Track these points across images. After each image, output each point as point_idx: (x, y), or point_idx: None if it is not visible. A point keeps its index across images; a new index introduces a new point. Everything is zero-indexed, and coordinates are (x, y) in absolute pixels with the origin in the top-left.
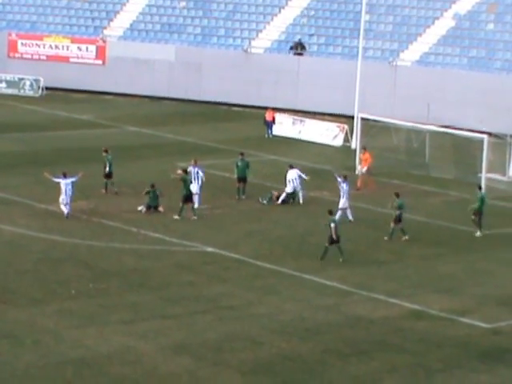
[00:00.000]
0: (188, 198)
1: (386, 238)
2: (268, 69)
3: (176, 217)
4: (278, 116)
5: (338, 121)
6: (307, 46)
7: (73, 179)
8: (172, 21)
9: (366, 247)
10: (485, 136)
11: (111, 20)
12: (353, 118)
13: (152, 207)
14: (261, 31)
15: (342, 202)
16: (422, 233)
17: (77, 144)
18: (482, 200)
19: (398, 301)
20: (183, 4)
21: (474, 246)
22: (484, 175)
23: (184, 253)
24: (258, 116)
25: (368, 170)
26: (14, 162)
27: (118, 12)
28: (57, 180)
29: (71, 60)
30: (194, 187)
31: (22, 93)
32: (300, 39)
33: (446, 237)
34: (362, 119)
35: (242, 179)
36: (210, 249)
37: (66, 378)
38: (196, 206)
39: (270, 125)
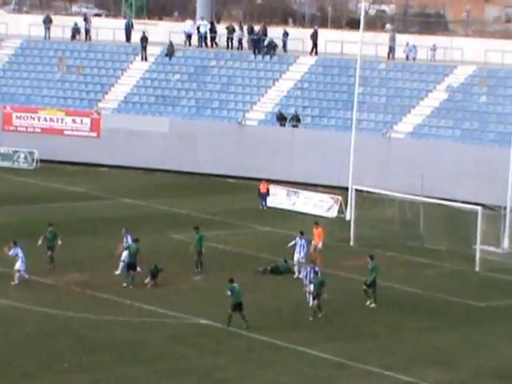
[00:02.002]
0: (130, 265)
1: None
2: (262, 140)
3: (124, 284)
4: (273, 188)
5: (332, 192)
6: (301, 118)
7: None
8: (166, 93)
9: (361, 319)
10: (479, 208)
11: (106, 93)
12: (347, 189)
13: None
14: (255, 103)
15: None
16: (416, 305)
17: (71, 216)
18: (376, 270)
19: (393, 373)
20: (177, 76)
21: (470, 318)
22: (478, 247)
23: (177, 325)
24: (252, 188)
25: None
26: (7, 234)
27: (112, 85)
28: (13, 253)
29: (66, 132)
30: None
31: (16, 165)
32: (296, 111)
33: (441, 309)
34: (356, 191)
35: (198, 252)
36: (203, 321)
37: None
38: (119, 272)
39: (264, 196)
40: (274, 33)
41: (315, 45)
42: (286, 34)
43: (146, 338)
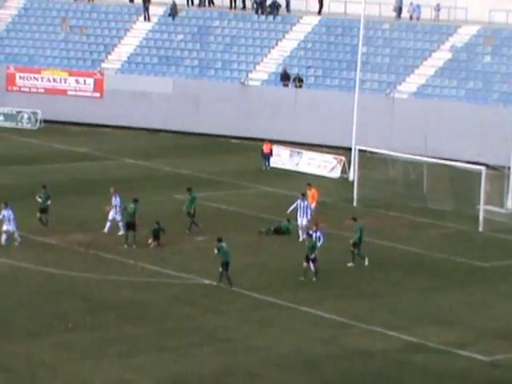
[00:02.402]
0: (129, 225)
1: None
2: (265, 101)
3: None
4: (276, 148)
5: (335, 153)
6: (304, 79)
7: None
8: (169, 53)
9: (363, 279)
10: (482, 168)
11: (109, 53)
12: (350, 149)
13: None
14: (258, 63)
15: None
16: (419, 265)
17: (74, 176)
18: (361, 231)
19: (396, 333)
20: (180, 37)
21: (472, 278)
22: (482, 207)
23: (181, 285)
24: (255, 148)
25: (316, 206)
26: (11, 194)
27: (115, 45)
28: (2, 214)
29: (69, 93)
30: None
31: (19, 126)
32: (298, 72)
33: (444, 269)
34: (360, 151)
35: (188, 214)
36: (206, 281)
37: None
38: (120, 233)
39: (267, 157)
40: None
41: (321, 4)
42: None
43: (150, 298)
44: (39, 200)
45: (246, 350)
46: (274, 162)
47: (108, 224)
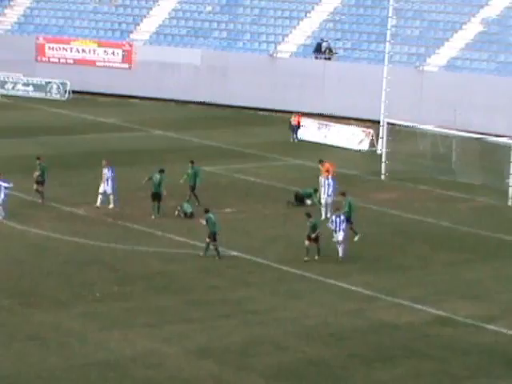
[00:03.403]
0: (154, 196)
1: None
2: (294, 73)
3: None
4: (304, 120)
5: (363, 125)
6: (334, 50)
7: (5, 184)
8: (198, 25)
9: (391, 252)
10: None
11: (138, 24)
12: (379, 122)
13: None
14: (287, 35)
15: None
16: (447, 239)
17: (103, 147)
18: (350, 205)
19: (423, 307)
20: (209, 8)
21: (501, 252)
22: (511, 181)
23: (208, 257)
24: (283, 120)
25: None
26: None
27: (144, 16)
28: None
29: (98, 64)
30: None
31: (48, 96)
32: (329, 43)
33: (473, 243)
34: (388, 124)
35: (191, 187)
36: (234, 253)
37: (90, 380)
38: (111, 206)
39: (295, 129)
40: None
41: None
42: None
43: (177, 269)
44: (36, 173)
45: (272, 321)
46: (302, 134)
47: (99, 197)
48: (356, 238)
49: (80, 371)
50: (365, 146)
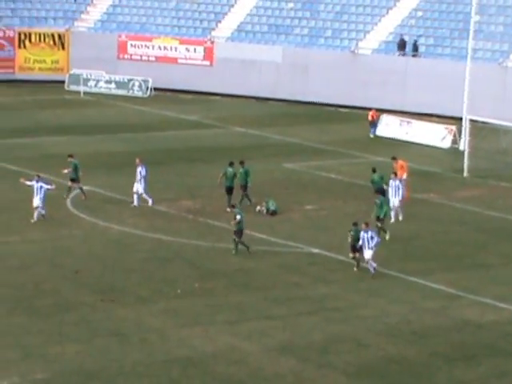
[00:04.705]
0: (229, 190)
1: (387, 237)
2: (375, 70)
3: (228, 209)
4: (385, 117)
5: (445, 122)
6: (419, 47)
7: (44, 185)
8: (279, 22)
9: (474, 250)
10: None
11: (219, 21)
12: (461, 119)
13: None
14: (368, 32)
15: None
16: None
17: (184, 144)
18: (382, 205)
19: (507, 305)
20: (291, 5)
21: None
22: None
23: (289, 254)
24: (364, 117)
25: (407, 179)
26: (123, 161)
27: (225, 13)
28: (29, 183)
29: (179, 61)
30: (140, 187)
31: (130, 93)
32: (415, 40)
33: None
34: (471, 121)
35: (243, 187)
36: (315, 250)
37: (171, 376)
38: (150, 203)
39: (372, 125)
40: None
41: None
42: None
43: (258, 266)
44: (65, 171)
45: (354, 319)
46: (383, 130)
47: (135, 196)
48: (387, 237)
49: (161, 367)
50: (447, 143)
